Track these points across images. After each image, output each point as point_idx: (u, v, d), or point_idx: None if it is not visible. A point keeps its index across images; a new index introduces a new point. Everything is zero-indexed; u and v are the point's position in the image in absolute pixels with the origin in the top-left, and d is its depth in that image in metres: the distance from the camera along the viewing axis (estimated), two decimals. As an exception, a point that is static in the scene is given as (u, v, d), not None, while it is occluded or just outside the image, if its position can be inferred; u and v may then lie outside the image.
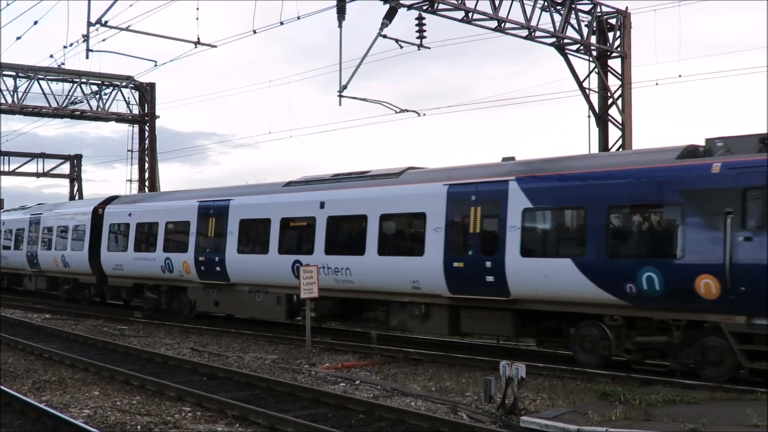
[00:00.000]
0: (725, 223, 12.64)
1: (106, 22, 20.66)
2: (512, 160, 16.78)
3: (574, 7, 23.55)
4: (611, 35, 24.75)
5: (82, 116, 38.17)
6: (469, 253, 16.05)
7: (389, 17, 20.40)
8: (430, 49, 21.39)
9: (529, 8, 22.35)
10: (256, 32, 20.81)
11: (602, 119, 24.95)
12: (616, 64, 24.94)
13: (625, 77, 24.71)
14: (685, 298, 13.10)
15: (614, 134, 24.84)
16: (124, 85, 38.00)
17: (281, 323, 22.99)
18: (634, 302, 13.79)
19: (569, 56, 24.42)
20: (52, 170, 50.91)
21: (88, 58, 21.74)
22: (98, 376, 14.56)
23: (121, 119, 39.02)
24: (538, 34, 23.01)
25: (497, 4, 21.58)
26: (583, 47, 24.32)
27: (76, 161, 51.30)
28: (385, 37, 20.58)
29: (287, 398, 12.38)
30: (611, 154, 15.20)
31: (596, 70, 24.72)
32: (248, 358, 17.01)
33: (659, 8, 23.82)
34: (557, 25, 23.12)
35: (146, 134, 39.35)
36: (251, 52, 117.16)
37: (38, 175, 50.21)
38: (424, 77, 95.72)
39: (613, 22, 24.76)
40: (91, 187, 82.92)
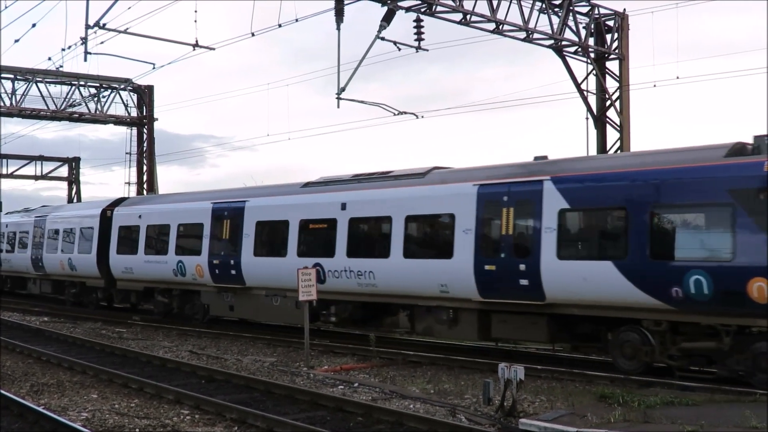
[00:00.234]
0: None
1: (104, 24, 20.66)
2: (544, 159, 16.32)
3: (571, 9, 23.58)
4: (609, 37, 24.78)
5: (80, 119, 38.15)
6: (501, 255, 15.51)
7: (387, 19, 20.42)
8: (428, 51, 21.42)
9: (527, 10, 22.39)
10: (254, 35, 20.85)
11: (600, 121, 24.97)
12: (614, 66, 24.99)
13: (623, 79, 24.74)
14: (736, 302, 12.52)
15: (612, 136, 24.90)
16: (122, 87, 38.00)
17: (280, 325, 22.96)
18: (680, 306, 13.18)
19: (567, 58, 24.44)
20: (50, 173, 50.89)
21: (86, 60, 21.77)
22: (96, 379, 14.55)
23: (119, 122, 39.02)
24: (535, 36, 23.03)
25: (495, 6, 21.60)
26: (581, 49, 24.34)
27: (74, 164, 51.28)
28: (383, 39, 20.62)
29: (286, 401, 12.37)
30: (654, 152, 14.38)
31: (594, 72, 24.75)
32: (246, 360, 17.00)
33: (657, 10, 23.88)
34: (555, 27, 23.14)
35: (144, 137, 39.36)
36: (249, 54, 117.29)
37: (36, 177, 50.18)
38: (422, 79, 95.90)
39: (611, 24, 24.79)
40: (89, 189, 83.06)
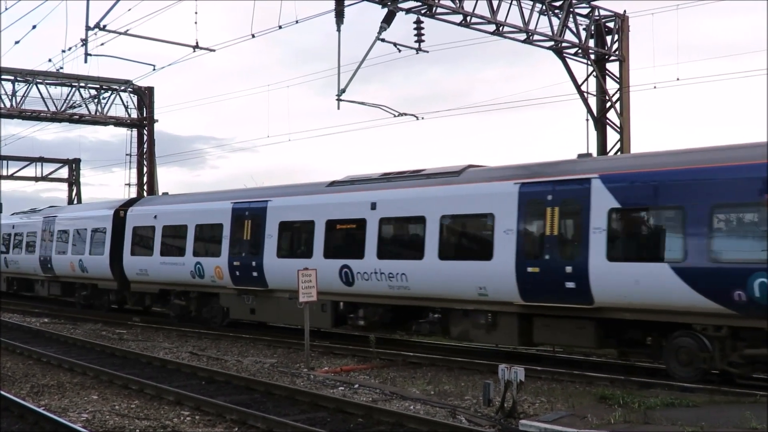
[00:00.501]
0: None
1: (104, 26, 20.65)
2: (588, 156, 15.80)
3: (572, 10, 23.57)
4: (609, 39, 24.77)
5: (80, 120, 38.10)
6: (545, 257, 14.85)
7: (387, 21, 20.41)
8: (428, 52, 21.39)
9: (527, 12, 22.37)
10: (254, 36, 20.83)
11: (600, 123, 24.96)
12: (614, 67, 24.96)
13: (623, 81, 24.72)
14: None
15: (612, 138, 24.87)
16: (122, 89, 37.96)
17: (280, 326, 22.96)
18: (743, 311, 12.53)
19: (567, 60, 24.43)
20: (50, 174, 50.85)
21: (86, 62, 21.71)
22: (97, 380, 14.55)
23: (119, 123, 38.97)
24: (536, 37, 23.02)
25: (495, 7, 21.60)
26: (581, 51, 24.34)
27: (74, 165, 51.26)
28: (383, 40, 20.61)
29: (286, 402, 12.38)
30: (711, 148, 13.78)
31: (594, 73, 24.74)
32: (247, 362, 17.00)
33: (657, 12, 23.85)
34: (555, 28, 23.13)
35: (145, 138, 39.31)
36: (250, 55, 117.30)
37: (37, 179, 50.11)
38: (422, 81, 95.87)
39: (611, 25, 24.78)
40: (89, 191, 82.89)
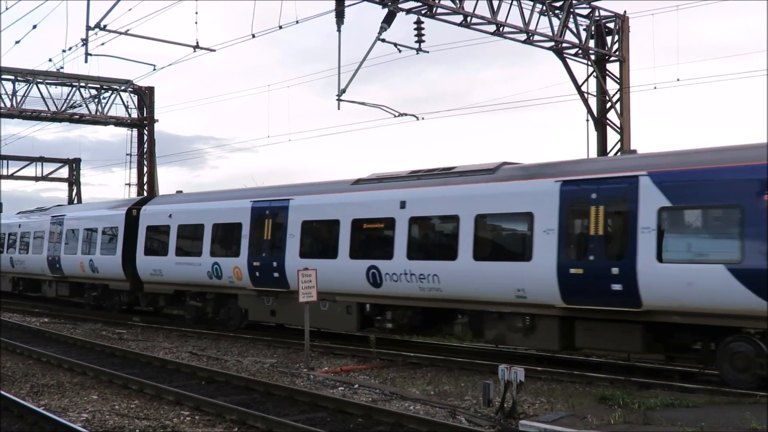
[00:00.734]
0: None
1: (105, 26, 20.66)
2: (633, 153, 15.17)
3: (572, 11, 23.57)
4: (609, 39, 24.77)
5: (80, 120, 38.10)
6: (589, 258, 14.21)
7: (388, 21, 20.42)
8: (428, 53, 21.38)
9: (527, 12, 22.37)
10: (255, 36, 20.84)
11: (601, 123, 24.97)
12: (614, 68, 24.97)
13: (623, 81, 24.73)
14: None
15: (613, 138, 24.88)
16: (123, 89, 37.97)
17: (277, 327, 22.95)
18: None
19: (568, 60, 24.44)
20: (50, 174, 50.85)
21: (87, 61, 21.68)
22: (96, 380, 14.55)
23: (119, 123, 38.98)
24: (536, 38, 23.02)
25: (495, 8, 21.60)
26: (581, 51, 24.35)
27: (74, 165, 51.28)
28: (383, 41, 20.61)
29: (286, 402, 12.37)
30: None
31: (595, 74, 24.74)
32: (247, 362, 17.00)
33: (657, 12, 23.86)
34: (556, 29, 23.14)
35: (145, 138, 39.32)
36: (250, 56, 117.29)
37: (37, 179, 50.10)
38: (422, 81, 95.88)
39: (611, 26, 24.78)
40: (89, 191, 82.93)
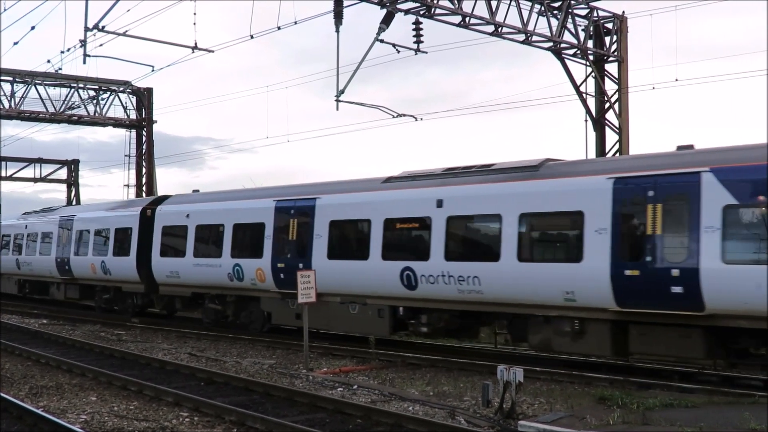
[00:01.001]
0: None
1: (103, 27, 20.67)
2: (690, 148, 14.33)
3: (570, 11, 23.59)
4: (608, 39, 24.80)
5: (79, 121, 38.11)
6: (647, 259, 13.45)
7: (386, 22, 20.43)
8: (427, 53, 21.38)
9: (525, 13, 22.39)
10: (253, 37, 20.86)
11: (599, 123, 24.98)
12: (612, 68, 24.99)
13: (622, 81, 24.75)
14: None
15: (611, 138, 24.90)
16: (121, 90, 38.00)
17: (279, 328, 22.91)
18: None
19: (566, 60, 24.45)
20: (49, 175, 50.84)
21: (85, 63, 21.73)
22: (95, 381, 14.55)
23: (118, 124, 39.00)
24: (534, 38, 23.04)
25: (494, 8, 21.61)
26: (579, 51, 24.37)
27: (73, 166, 51.28)
28: (382, 41, 20.62)
29: (285, 403, 12.37)
30: None
31: (593, 74, 24.76)
32: (246, 363, 16.99)
33: (656, 12, 23.93)
34: (554, 29, 23.15)
35: (144, 139, 39.34)
36: (248, 56, 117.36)
37: (35, 180, 50.12)
38: (421, 82, 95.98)
39: (609, 26, 24.80)
40: (88, 192, 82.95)
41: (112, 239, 26.74)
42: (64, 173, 51.24)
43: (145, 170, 39.24)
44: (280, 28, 20.05)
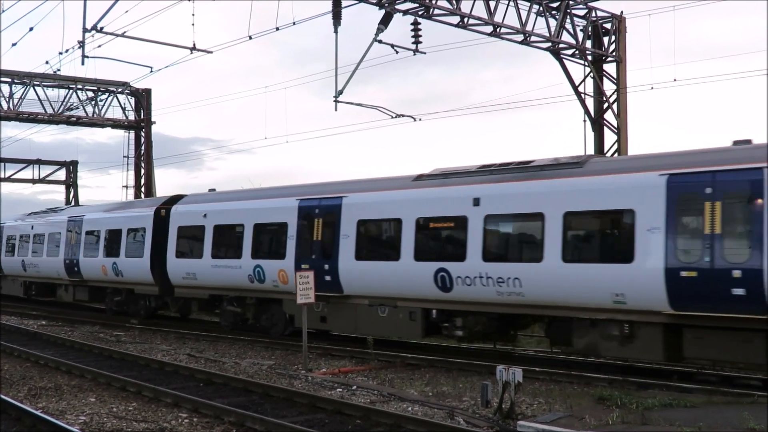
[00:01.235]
0: None
1: (101, 28, 20.64)
2: (747, 143, 13.67)
3: (569, 11, 23.61)
4: (606, 40, 24.82)
5: (77, 122, 38.12)
6: (704, 259, 12.81)
7: (385, 22, 20.43)
8: (425, 54, 21.39)
9: (524, 13, 22.41)
10: (251, 38, 20.83)
11: (598, 123, 25.00)
12: (611, 68, 25.02)
13: (620, 81, 24.78)
14: None
15: (610, 138, 24.93)
16: (120, 91, 38.01)
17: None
18: None
19: (564, 61, 24.47)
20: (47, 176, 50.81)
21: (83, 64, 21.64)
22: (94, 382, 14.54)
23: (117, 125, 39.00)
24: (533, 38, 23.05)
25: (492, 9, 21.62)
26: (578, 52, 24.38)
27: (72, 167, 51.25)
28: (380, 42, 20.61)
29: (284, 404, 12.37)
30: None
31: (591, 74, 24.78)
32: (245, 363, 16.99)
33: (654, 12, 23.90)
34: (552, 29, 23.16)
35: (142, 140, 39.35)
36: (247, 57, 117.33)
37: (34, 181, 50.08)
38: (419, 82, 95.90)
39: (608, 26, 24.83)
40: (86, 193, 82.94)
41: (124, 240, 26.01)
42: (62, 174, 51.23)
43: (143, 171, 39.24)
44: (278, 28, 20.06)
